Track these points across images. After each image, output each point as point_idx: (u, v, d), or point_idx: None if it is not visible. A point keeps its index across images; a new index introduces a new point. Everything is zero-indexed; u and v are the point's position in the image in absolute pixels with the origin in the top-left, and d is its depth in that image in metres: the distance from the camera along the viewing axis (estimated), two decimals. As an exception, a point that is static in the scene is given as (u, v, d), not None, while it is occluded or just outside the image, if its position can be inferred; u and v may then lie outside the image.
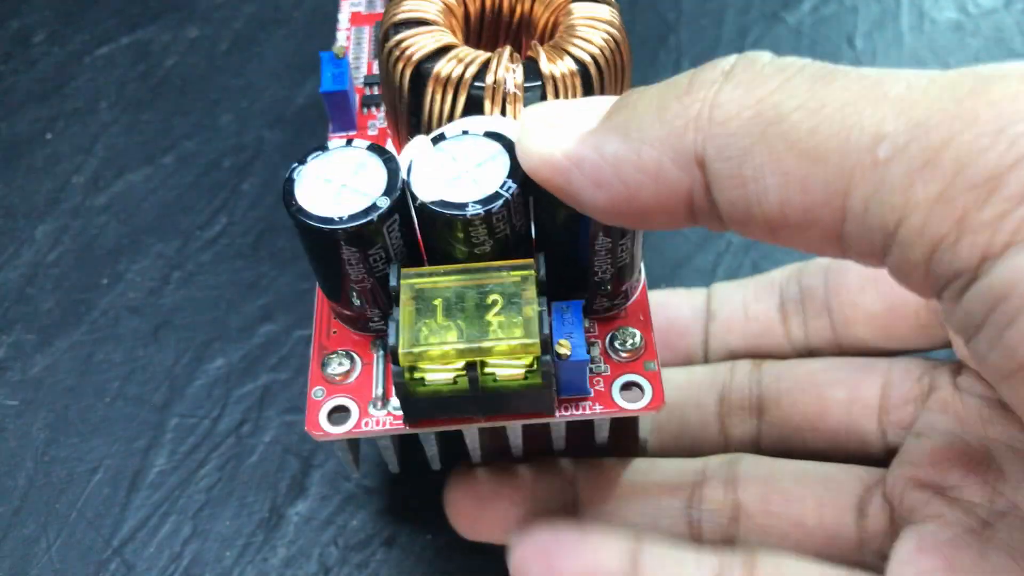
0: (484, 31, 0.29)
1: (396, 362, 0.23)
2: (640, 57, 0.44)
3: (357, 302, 0.26)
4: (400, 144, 0.28)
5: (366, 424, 0.26)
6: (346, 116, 0.31)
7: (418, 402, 0.24)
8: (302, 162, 0.25)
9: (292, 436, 0.33)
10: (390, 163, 0.24)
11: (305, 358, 0.35)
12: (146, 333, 0.36)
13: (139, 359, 0.35)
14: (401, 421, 0.25)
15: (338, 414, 0.26)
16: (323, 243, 0.24)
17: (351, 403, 0.26)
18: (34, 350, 0.36)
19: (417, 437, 0.27)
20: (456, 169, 0.24)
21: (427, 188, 0.24)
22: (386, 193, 0.24)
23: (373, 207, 0.23)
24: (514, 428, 0.27)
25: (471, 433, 0.27)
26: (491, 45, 0.29)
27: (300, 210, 0.24)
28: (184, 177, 0.41)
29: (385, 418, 0.26)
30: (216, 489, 0.32)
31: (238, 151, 0.41)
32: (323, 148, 0.25)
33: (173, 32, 0.46)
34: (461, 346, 0.23)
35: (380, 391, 0.26)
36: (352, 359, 0.26)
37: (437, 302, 0.24)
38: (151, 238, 0.39)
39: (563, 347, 0.24)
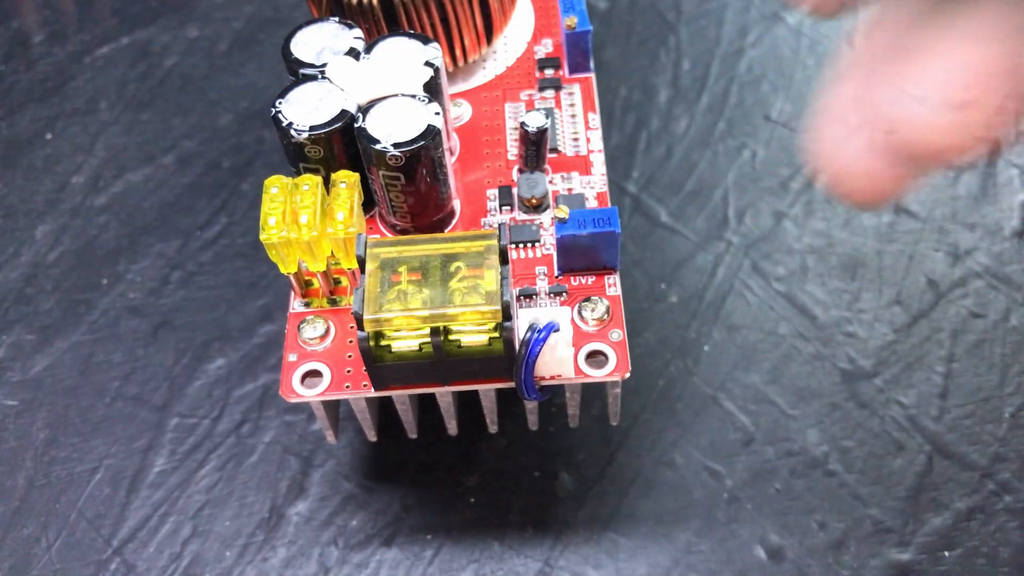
0: None
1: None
2: (640, 57, 0.44)
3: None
4: None
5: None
6: None
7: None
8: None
9: (292, 436, 0.33)
10: None
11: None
12: (146, 333, 0.36)
13: (139, 359, 0.35)
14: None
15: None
16: None
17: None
18: (34, 350, 0.36)
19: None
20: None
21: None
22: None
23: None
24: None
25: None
26: None
27: None
28: (184, 177, 0.41)
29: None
30: (216, 489, 0.32)
31: (238, 151, 0.41)
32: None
33: (173, 32, 0.46)
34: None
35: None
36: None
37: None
38: (151, 238, 0.39)
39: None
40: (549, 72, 0.34)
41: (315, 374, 0.27)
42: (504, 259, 0.25)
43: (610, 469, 0.32)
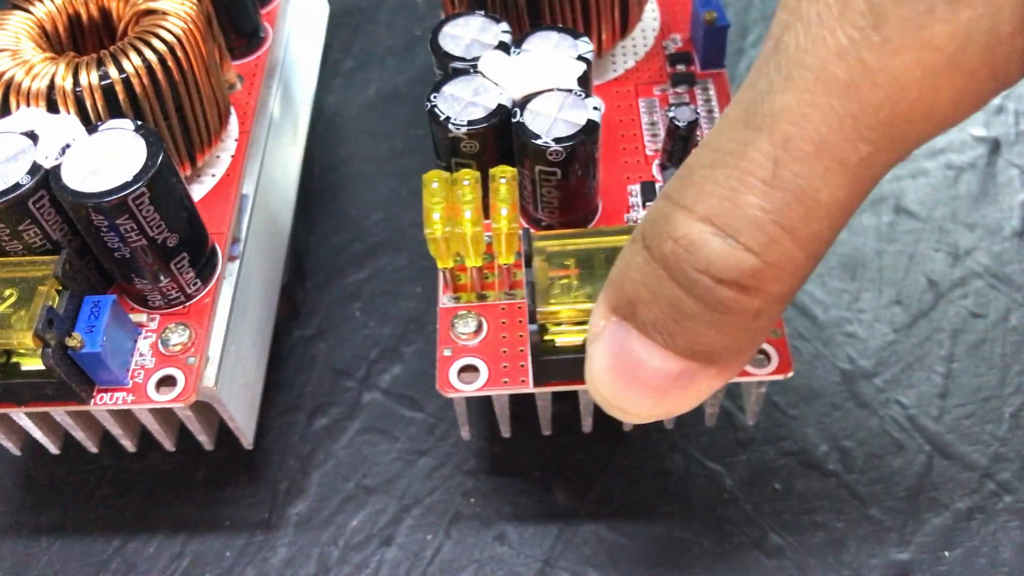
0: (85, 36, 0.31)
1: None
2: (640, 57, 0.44)
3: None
4: None
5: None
6: None
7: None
8: None
9: (292, 436, 0.33)
10: None
11: (304, 358, 0.35)
12: (146, 333, 0.36)
13: (139, 359, 0.35)
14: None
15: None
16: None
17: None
18: None
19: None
20: None
21: None
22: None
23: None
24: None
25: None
26: (94, 49, 0.31)
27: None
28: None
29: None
30: (216, 489, 0.32)
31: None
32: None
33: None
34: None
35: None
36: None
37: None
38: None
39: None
40: (680, 67, 0.33)
41: (471, 369, 0.27)
42: None
43: (610, 469, 0.32)
